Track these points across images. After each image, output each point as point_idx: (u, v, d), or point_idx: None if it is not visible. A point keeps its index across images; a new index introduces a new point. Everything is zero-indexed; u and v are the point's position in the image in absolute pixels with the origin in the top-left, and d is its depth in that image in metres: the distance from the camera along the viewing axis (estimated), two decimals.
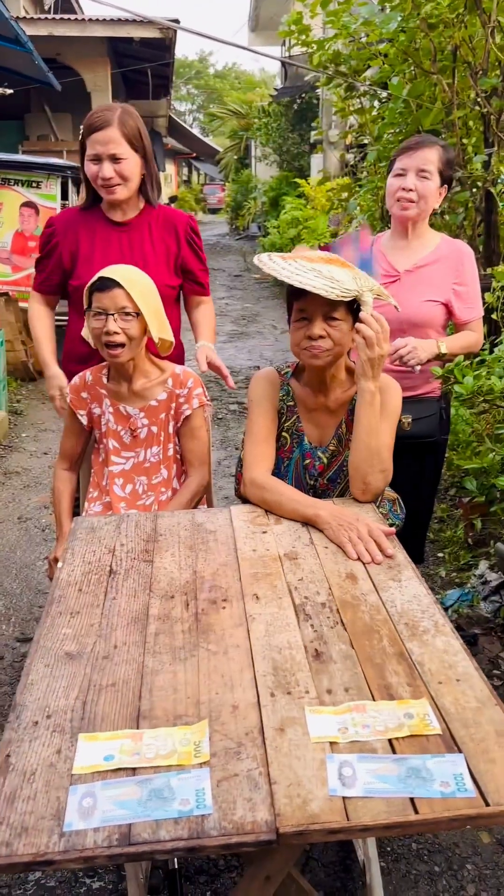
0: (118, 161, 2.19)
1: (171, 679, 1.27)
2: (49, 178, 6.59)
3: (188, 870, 1.87)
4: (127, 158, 2.20)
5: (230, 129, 22.48)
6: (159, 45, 11.40)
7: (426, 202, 2.29)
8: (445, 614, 1.45)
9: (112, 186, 2.22)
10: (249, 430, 1.98)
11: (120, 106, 2.24)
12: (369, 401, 1.79)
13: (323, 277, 1.68)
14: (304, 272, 1.69)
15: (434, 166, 2.25)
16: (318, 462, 1.96)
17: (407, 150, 2.27)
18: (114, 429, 2.20)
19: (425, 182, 2.26)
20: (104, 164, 2.19)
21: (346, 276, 1.72)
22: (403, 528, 2.14)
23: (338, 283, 1.69)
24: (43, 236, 2.41)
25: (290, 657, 1.31)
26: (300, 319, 1.81)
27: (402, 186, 2.26)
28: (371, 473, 1.83)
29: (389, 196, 2.33)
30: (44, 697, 1.23)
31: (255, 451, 1.94)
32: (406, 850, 1.93)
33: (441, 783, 1.03)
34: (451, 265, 2.35)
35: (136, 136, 2.21)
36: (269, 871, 1.21)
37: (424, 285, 2.33)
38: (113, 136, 2.16)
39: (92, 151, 2.19)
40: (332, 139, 9.60)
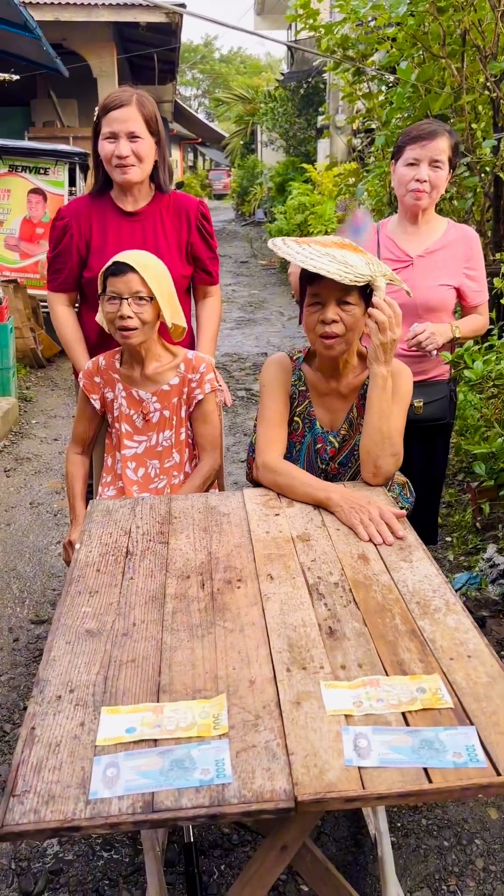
0: (135, 140, 2.20)
1: (190, 655, 1.30)
2: (57, 164, 6.59)
3: (203, 844, 1.92)
4: (143, 139, 2.21)
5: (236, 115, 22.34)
6: (165, 30, 11.33)
7: (438, 192, 2.31)
8: (456, 594, 1.48)
9: (127, 166, 2.21)
10: (262, 414, 2.00)
11: (137, 90, 2.25)
12: (381, 385, 1.81)
13: (337, 262, 1.70)
14: (319, 257, 1.71)
15: (446, 155, 2.26)
16: (330, 446, 1.98)
17: (419, 140, 2.26)
18: (126, 413, 2.23)
19: (438, 172, 2.27)
20: (121, 142, 2.19)
21: (359, 261, 1.75)
22: (414, 511, 2.17)
23: (352, 267, 1.71)
24: (56, 230, 2.36)
25: (305, 634, 1.35)
26: (314, 304, 1.82)
27: (417, 178, 2.26)
28: (382, 457, 1.85)
29: (401, 185, 2.33)
30: (66, 673, 1.27)
31: (268, 435, 1.96)
32: (415, 825, 1.97)
33: (454, 754, 1.06)
34: (460, 249, 2.37)
35: (153, 119, 2.23)
36: (286, 841, 1.24)
37: (437, 270, 2.34)
38: (131, 114, 2.17)
39: (108, 129, 2.19)
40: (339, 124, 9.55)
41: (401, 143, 2.33)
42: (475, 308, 2.43)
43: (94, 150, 2.29)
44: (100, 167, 2.31)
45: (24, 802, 1.02)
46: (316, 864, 1.35)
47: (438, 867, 1.85)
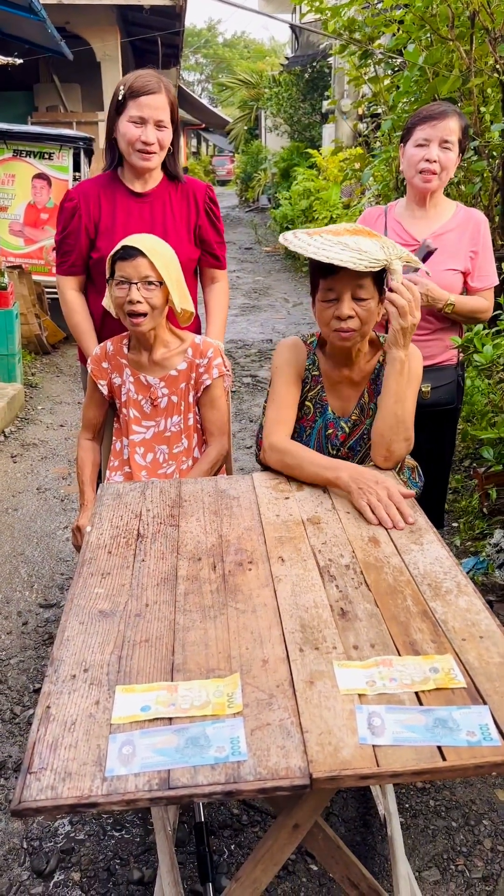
0: (161, 128, 2.21)
1: (203, 635, 1.31)
2: (61, 149, 6.56)
3: (213, 824, 1.93)
4: (168, 128, 2.23)
5: (240, 100, 22.18)
6: (169, 13, 11.22)
7: (447, 173, 2.29)
8: (467, 576, 1.48)
9: (150, 153, 2.22)
10: (272, 396, 1.99)
11: (161, 76, 2.24)
12: (399, 369, 1.81)
13: (350, 250, 1.67)
14: (331, 246, 1.67)
15: (456, 136, 2.24)
16: (341, 432, 1.98)
17: (429, 120, 2.24)
18: (134, 398, 2.23)
19: (448, 153, 2.25)
20: (148, 128, 2.18)
21: (373, 246, 1.71)
22: (422, 495, 2.17)
23: (366, 254, 1.67)
24: (65, 211, 2.34)
25: (317, 615, 1.35)
26: (328, 299, 1.79)
27: (427, 158, 2.24)
28: (396, 441, 1.85)
29: (410, 166, 2.30)
30: (80, 652, 1.28)
31: (276, 416, 1.95)
32: (424, 806, 1.98)
33: (467, 733, 1.07)
34: (468, 233, 2.36)
35: (175, 108, 2.25)
36: (298, 820, 1.26)
37: (445, 254, 2.33)
38: (161, 102, 2.18)
39: (138, 114, 2.17)
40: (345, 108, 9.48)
41: (410, 124, 2.31)
42: (478, 292, 2.40)
43: (110, 128, 2.27)
44: (111, 148, 2.29)
45: (40, 779, 1.03)
46: (328, 842, 1.36)
47: (447, 847, 1.87)
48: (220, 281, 2.56)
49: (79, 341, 2.43)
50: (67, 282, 2.40)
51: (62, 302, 2.43)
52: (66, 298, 2.41)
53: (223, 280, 2.58)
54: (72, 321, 2.42)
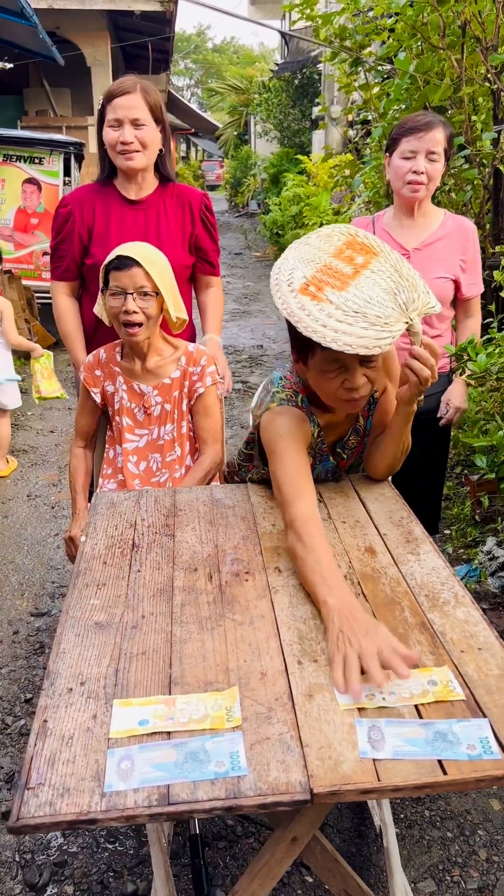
0: (139, 127, 2.19)
1: (200, 647, 1.30)
2: (51, 154, 6.54)
3: (207, 836, 1.92)
4: (148, 126, 2.20)
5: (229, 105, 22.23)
6: (160, 19, 11.25)
7: (434, 183, 2.30)
8: (464, 586, 1.48)
9: (131, 152, 2.21)
10: (280, 465, 1.61)
11: (141, 79, 2.25)
12: (408, 419, 1.69)
13: (370, 324, 1.39)
14: (347, 324, 1.39)
15: (441, 146, 2.25)
16: (340, 459, 1.90)
17: (415, 132, 2.24)
18: (127, 406, 2.22)
19: (434, 164, 2.26)
20: (125, 128, 2.18)
21: (385, 297, 1.43)
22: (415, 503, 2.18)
23: (387, 327, 1.41)
24: (59, 217, 2.35)
25: (315, 627, 1.35)
26: (333, 369, 1.54)
27: (414, 170, 2.25)
28: (396, 465, 1.83)
29: (397, 178, 2.31)
30: (76, 665, 1.26)
31: (297, 485, 1.57)
32: (419, 816, 1.98)
33: (468, 746, 1.06)
34: (457, 241, 2.37)
35: (157, 107, 2.22)
36: (296, 833, 1.25)
37: (434, 262, 2.34)
38: (135, 101, 2.17)
39: (113, 116, 2.18)
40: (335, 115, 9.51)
41: (395, 134, 2.31)
42: (468, 301, 2.42)
43: (99, 139, 2.28)
44: (105, 156, 2.30)
45: (38, 795, 1.01)
46: (325, 855, 1.36)
47: (442, 858, 1.86)
48: (214, 286, 2.58)
49: (68, 347, 2.43)
50: (60, 287, 2.40)
51: (54, 307, 2.44)
52: (58, 304, 2.41)
53: (217, 286, 2.59)
54: (62, 327, 2.42)
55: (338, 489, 1.91)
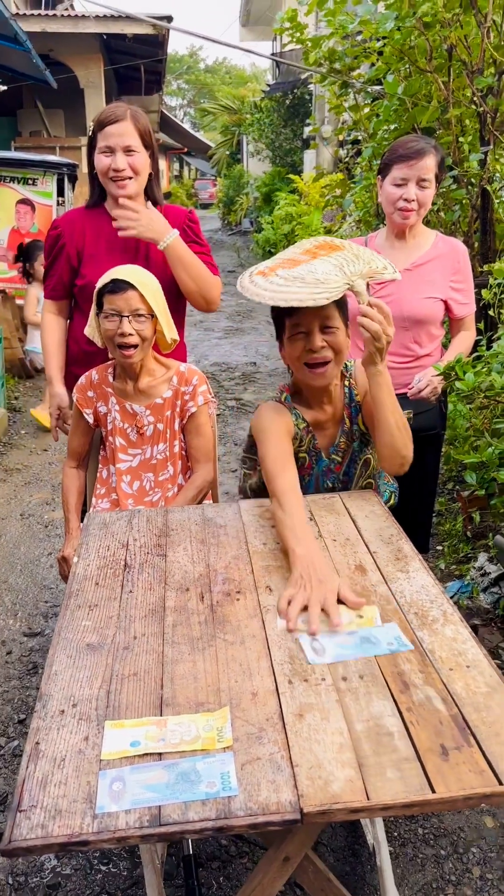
0: (131, 153, 2.22)
1: (191, 668, 1.31)
2: (45, 175, 6.60)
3: (201, 856, 1.92)
4: (139, 152, 2.24)
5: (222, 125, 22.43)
6: (152, 42, 11.38)
7: (425, 209, 2.33)
8: (453, 604, 1.50)
9: (124, 179, 2.24)
10: (265, 452, 1.79)
11: (130, 106, 2.28)
12: (385, 382, 1.75)
13: (307, 284, 1.58)
14: (287, 286, 1.59)
15: (433, 173, 2.28)
16: (335, 464, 1.97)
17: (406, 160, 2.26)
18: (120, 426, 2.24)
19: (426, 191, 2.29)
20: (117, 155, 2.21)
21: (331, 269, 1.62)
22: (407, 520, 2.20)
23: (323, 284, 1.58)
24: (49, 239, 2.42)
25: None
26: (296, 334, 1.75)
27: (405, 197, 2.28)
28: (405, 446, 1.81)
29: (388, 203, 2.34)
30: (68, 687, 1.27)
31: (278, 466, 1.75)
32: (412, 834, 1.98)
33: (387, 643, 1.34)
34: (448, 262, 2.40)
35: (147, 133, 2.26)
36: (288, 853, 1.25)
37: (424, 283, 2.37)
38: (126, 129, 2.20)
39: (105, 143, 2.22)
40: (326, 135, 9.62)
41: (388, 160, 2.33)
42: (461, 320, 2.46)
43: (90, 164, 2.31)
44: (95, 181, 2.33)
45: (30, 818, 1.02)
46: (318, 874, 1.36)
47: (436, 876, 1.86)
48: None
49: (45, 362, 2.50)
50: (48, 305, 2.49)
51: (41, 322, 2.51)
52: (44, 321, 2.52)
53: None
54: (43, 341, 2.52)
55: (329, 507, 1.93)
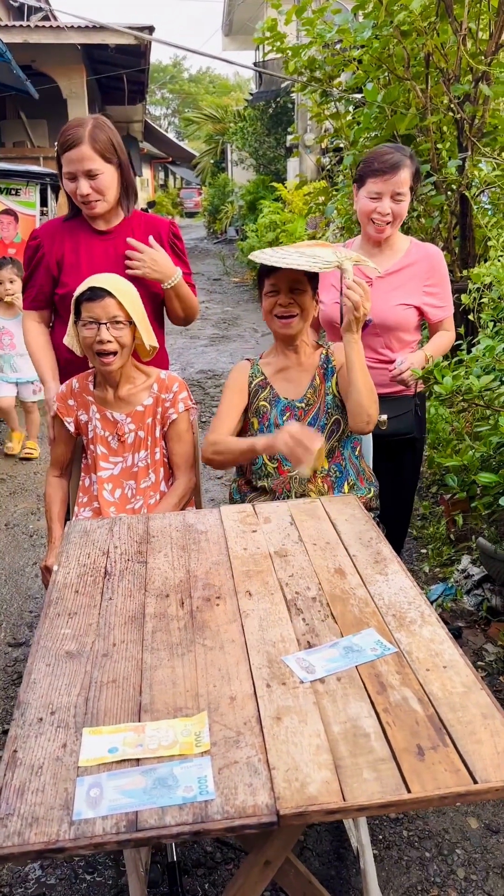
0: (93, 177, 2.21)
1: (170, 674, 1.31)
2: (28, 185, 6.59)
3: (186, 863, 1.91)
4: (102, 173, 2.22)
5: (206, 134, 22.51)
6: (134, 52, 11.42)
7: (400, 220, 2.34)
8: (431, 605, 1.51)
9: (91, 202, 2.25)
10: (217, 411, 2.22)
11: (91, 119, 2.24)
12: (358, 349, 2.07)
13: (306, 256, 1.95)
14: (289, 255, 1.97)
15: (407, 186, 2.28)
16: (297, 410, 2.17)
17: (381, 174, 2.27)
18: (101, 434, 2.24)
19: (401, 204, 2.30)
20: (80, 182, 2.22)
21: (327, 252, 1.99)
22: (387, 521, 2.23)
23: (319, 258, 1.95)
24: (28, 249, 2.41)
25: (284, 650, 1.37)
26: (270, 292, 2.14)
27: (379, 211, 2.30)
28: (371, 406, 2.09)
29: (363, 215, 2.35)
30: (46, 695, 1.27)
31: (217, 423, 2.19)
32: (397, 837, 1.98)
33: (371, 650, 1.35)
34: (422, 269, 2.41)
35: (108, 150, 2.21)
36: (269, 857, 1.25)
37: (396, 290, 2.38)
38: (85, 153, 2.18)
39: (67, 169, 2.23)
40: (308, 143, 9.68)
41: (363, 171, 2.33)
42: (439, 324, 2.47)
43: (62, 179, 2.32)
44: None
45: (7, 826, 1.02)
46: (299, 878, 1.36)
47: (420, 878, 1.86)
48: None
49: (36, 370, 2.47)
50: (29, 315, 2.47)
51: (23, 332, 2.48)
52: (26, 329, 2.47)
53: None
54: (30, 351, 2.49)
55: (310, 512, 1.94)
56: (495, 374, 2.30)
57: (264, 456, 2.16)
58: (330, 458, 2.18)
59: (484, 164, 3.88)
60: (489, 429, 2.38)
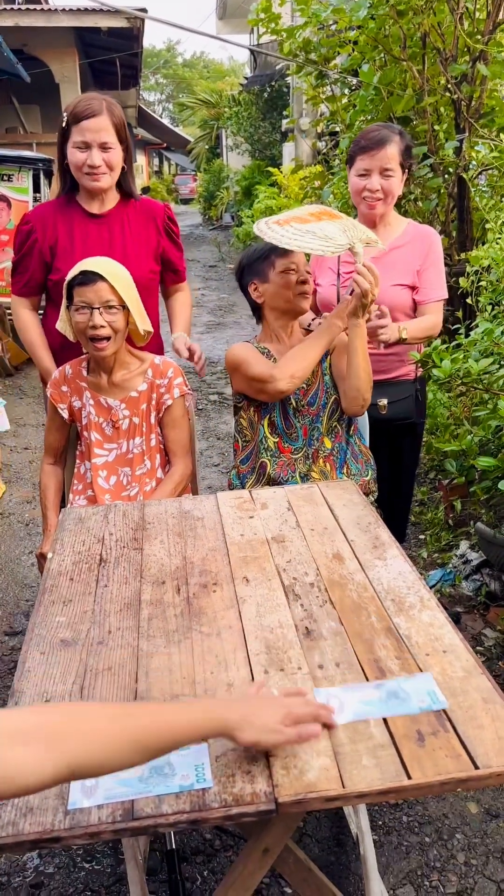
0: (107, 150, 2.21)
1: (167, 661, 1.30)
2: (20, 170, 6.52)
3: (185, 851, 1.90)
4: (115, 148, 2.22)
5: (200, 119, 22.33)
6: (127, 35, 11.30)
7: (392, 197, 2.31)
8: (430, 590, 1.49)
9: (99, 175, 2.22)
10: (249, 364, 2.11)
11: (105, 97, 2.25)
12: (361, 334, 2.06)
13: (318, 238, 1.89)
14: (301, 236, 1.90)
15: (396, 162, 2.25)
16: (298, 389, 2.15)
17: (368, 150, 2.25)
18: (95, 421, 2.22)
19: (390, 180, 2.26)
20: (93, 152, 2.19)
21: (336, 230, 1.93)
22: (387, 506, 2.21)
23: (331, 240, 1.90)
24: (20, 234, 2.36)
25: (282, 636, 1.35)
26: (287, 270, 2.11)
27: (368, 188, 2.27)
28: (368, 391, 2.10)
29: (354, 194, 2.33)
30: (41, 683, 1.25)
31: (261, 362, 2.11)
32: (397, 822, 1.98)
33: (418, 700, 1.16)
34: (417, 249, 2.37)
35: (122, 128, 2.24)
36: (268, 844, 1.24)
37: (391, 270, 2.34)
38: (104, 124, 2.18)
39: (80, 139, 2.19)
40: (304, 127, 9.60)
41: (352, 151, 2.32)
42: (424, 305, 2.38)
43: (60, 154, 2.27)
44: (66, 172, 2.30)
45: (1, 816, 1.00)
46: (299, 865, 1.35)
47: (420, 863, 1.86)
48: (183, 290, 2.60)
49: (34, 358, 2.43)
50: (21, 302, 2.41)
51: (16, 321, 2.44)
52: (20, 317, 2.42)
53: (185, 290, 2.61)
54: (26, 340, 2.43)
55: (307, 498, 1.92)
56: (494, 358, 2.28)
57: (265, 427, 2.16)
58: (332, 438, 2.17)
59: (481, 146, 3.84)
60: (488, 413, 2.36)
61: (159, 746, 0.98)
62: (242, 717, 1.03)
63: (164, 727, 0.98)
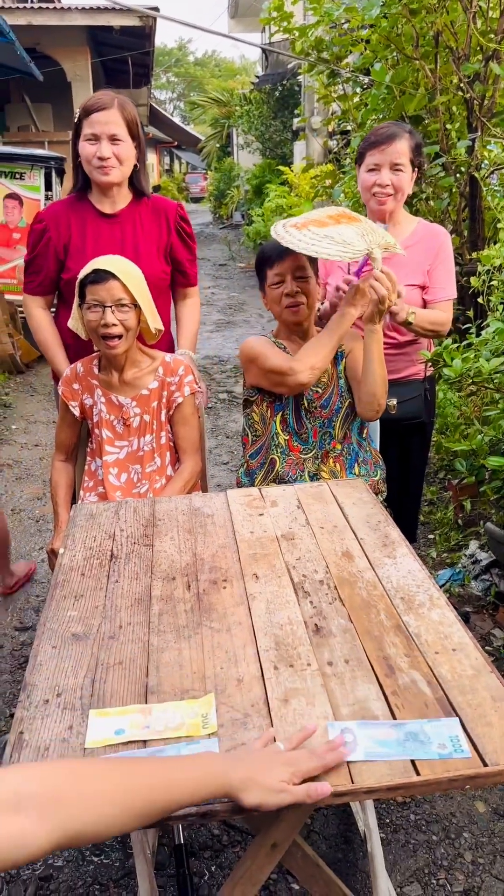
0: (116, 142, 2.22)
1: (177, 656, 1.30)
2: (33, 168, 6.55)
3: (193, 846, 1.91)
4: (125, 141, 2.23)
5: (211, 118, 22.35)
6: (139, 34, 11.32)
7: (402, 194, 2.30)
8: (440, 588, 1.49)
9: (108, 167, 2.23)
10: (266, 356, 2.10)
11: (118, 95, 2.27)
12: (378, 339, 2.05)
13: (335, 243, 1.86)
14: (318, 241, 1.87)
15: (406, 158, 2.25)
16: (313, 392, 2.16)
17: (378, 145, 2.25)
18: (106, 418, 2.23)
19: (400, 175, 2.26)
20: (102, 144, 2.21)
21: (355, 234, 1.90)
22: (396, 506, 2.21)
23: (349, 246, 1.87)
24: (34, 233, 2.37)
25: (291, 632, 1.35)
26: (277, 282, 2.09)
27: (378, 183, 2.27)
28: (383, 395, 2.09)
29: (364, 190, 2.33)
30: (53, 677, 1.27)
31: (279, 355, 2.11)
32: (404, 820, 1.98)
33: (438, 745, 1.07)
34: (427, 248, 2.36)
35: (134, 123, 2.25)
36: (276, 839, 1.25)
37: (401, 269, 2.34)
38: (113, 117, 2.20)
39: (90, 131, 2.21)
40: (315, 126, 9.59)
41: (362, 148, 2.32)
42: (434, 303, 2.36)
43: (74, 151, 2.29)
44: (79, 169, 2.31)
45: None
46: (307, 861, 1.36)
47: (428, 861, 1.86)
48: (192, 297, 2.60)
49: (48, 357, 2.44)
50: (34, 300, 2.43)
51: (29, 320, 2.45)
52: (33, 315, 2.43)
53: (195, 297, 2.61)
54: (40, 338, 2.43)
55: (317, 496, 1.92)
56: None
57: (277, 423, 2.17)
58: (342, 441, 2.17)
59: (494, 145, 3.83)
60: (498, 412, 2.36)
61: (158, 810, 0.93)
62: (246, 777, 0.99)
63: (163, 789, 0.94)
